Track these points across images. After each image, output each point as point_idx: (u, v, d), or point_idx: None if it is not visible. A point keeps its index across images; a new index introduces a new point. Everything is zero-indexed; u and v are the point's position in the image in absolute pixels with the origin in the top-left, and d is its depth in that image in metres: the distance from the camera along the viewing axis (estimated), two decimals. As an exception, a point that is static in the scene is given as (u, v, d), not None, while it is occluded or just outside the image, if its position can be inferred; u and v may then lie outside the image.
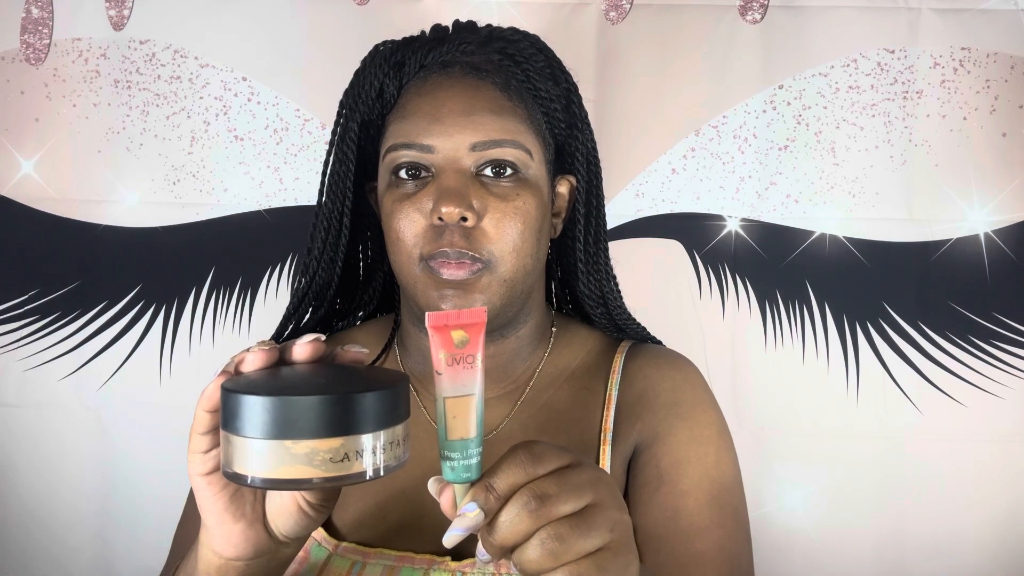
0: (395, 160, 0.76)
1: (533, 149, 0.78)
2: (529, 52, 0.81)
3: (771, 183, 1.40)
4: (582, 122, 0.84)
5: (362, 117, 0.81)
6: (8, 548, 1.44)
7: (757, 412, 1.40)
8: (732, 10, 1.39)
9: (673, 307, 1.41)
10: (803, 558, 1.41)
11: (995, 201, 1.38)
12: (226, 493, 0.58)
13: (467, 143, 0.75)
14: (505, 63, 0.79)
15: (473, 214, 0.73)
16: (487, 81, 0.77)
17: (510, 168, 0.76)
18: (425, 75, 0.79)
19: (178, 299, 1.44)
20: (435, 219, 0.73)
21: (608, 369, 0.84)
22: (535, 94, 0.80)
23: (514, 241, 0.75)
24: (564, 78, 0.83)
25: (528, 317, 0.82)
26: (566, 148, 0.84)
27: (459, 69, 0.78)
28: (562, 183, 0.84)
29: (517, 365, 0.83)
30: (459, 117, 0.75)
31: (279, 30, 1.41)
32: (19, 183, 1.42)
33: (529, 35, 0.83)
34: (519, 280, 0.76)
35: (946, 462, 1.39)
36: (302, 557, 0.76)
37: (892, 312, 1.40)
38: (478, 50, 0.79)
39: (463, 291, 0.73)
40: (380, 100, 0.80)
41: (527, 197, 0.76)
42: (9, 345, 1.44)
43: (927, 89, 1.38)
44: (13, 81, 1.42)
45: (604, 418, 0.81)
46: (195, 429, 0.56)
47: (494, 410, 0.82)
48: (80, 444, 1.43)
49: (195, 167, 1.43)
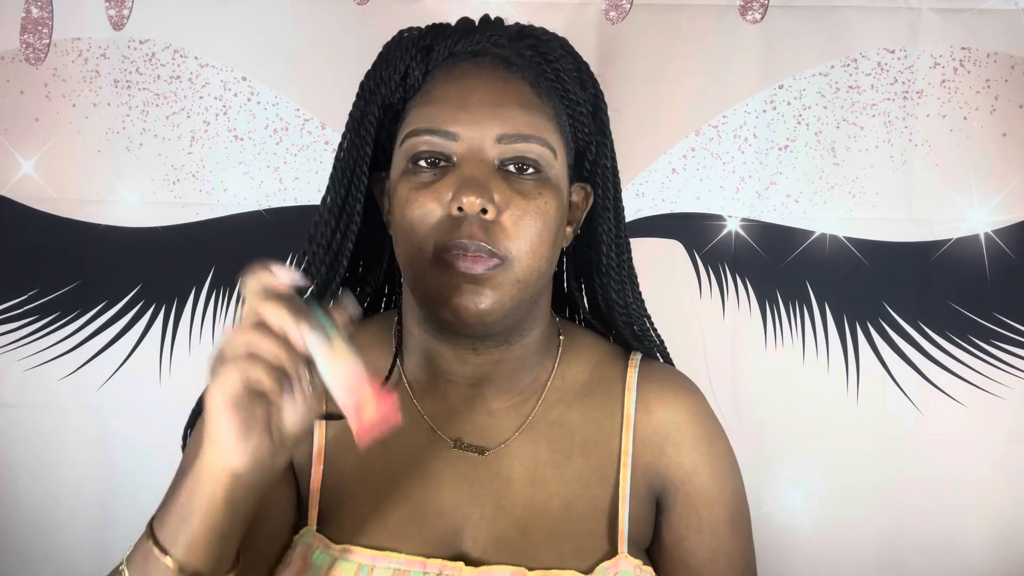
0: (415, 147, 0.74)
1: (558, 150, 0.76)
2: (559, 53, 0.79)
3: (771, 183, 1.40)
4: (607, 129, 0.83)
5: (383, 100, 0.78)
6: (8, 548, 1.44)
7: (757, 412, 1.40)
8: (732, 10, 1.39)
9: (673, 307, 1.41)
10: (803, 558, 1.41)
11: (995, 201, 1.38)
12: (242, 414, 0.59)
13: (494, 134, 0.73)
14: (536, 60, 0.77)
15: (494, 207, 0.71)
16: (517, 75, 0.76)
17: (533, 166, 0.74)
18: (454, 62, 0.77)
19: (178, 299, 1.44)
20: (454, 209, 0.71)
21: (621, 386, 0.84)
22: (563, 95, 0.78)
23: (532, 241, 0.73)
24: (592, 84, 0.82)
25: (535, 323, 0.81)
26: (586, 155, 0.82)
27: (489, 60, 0.76)
28: (577, 191, 0.83)
29: (524, 375, 0.82)
30: (487, 107, 0.73)
31: (279, 30, 1.41)
32: (19, 183, 1.42)
33: (559, 37, 0.81)
34: (532, 282, 0.74)
35: (946, 462, 1.39)
36: (300, 565, 0.75)
37: (892, 312, 1.40)
38: (509, 44, 0.77)
39: (475, 286, 0.71)
40: (404, 84, 0.77)
41: (548, 197, 0.74)
42: (9, 345, 1.44)
43: (927, 89, 1.38)
44: (13, 81, 1.42)
45: (623, 440, 0.81)
46: None
47: (502, 422, 0.81)
48: (80, 444, 1.43)
49: (195, 167, 1.43)
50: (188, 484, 0.63)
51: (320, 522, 0.78)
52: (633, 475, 0.80)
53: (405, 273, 0.78)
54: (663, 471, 0.82)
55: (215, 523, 0.62)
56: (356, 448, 0.78)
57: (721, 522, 0.83)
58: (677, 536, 0.83)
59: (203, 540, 0.62)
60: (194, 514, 0.62)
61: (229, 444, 0.60)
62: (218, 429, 0.60)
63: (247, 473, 0.61)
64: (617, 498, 0.79)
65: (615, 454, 0.81)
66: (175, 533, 0.63)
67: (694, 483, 0.82)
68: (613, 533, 0.78)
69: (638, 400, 0.82)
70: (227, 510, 0.62)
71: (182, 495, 0.63)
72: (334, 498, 0.79)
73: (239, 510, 0.63)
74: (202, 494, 0.62)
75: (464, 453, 0.79)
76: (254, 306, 0.60)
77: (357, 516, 0.77)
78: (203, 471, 0.62)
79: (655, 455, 0.82)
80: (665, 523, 0.83)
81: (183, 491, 0.63)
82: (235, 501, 0.62)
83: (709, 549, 0.82)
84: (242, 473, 0.61)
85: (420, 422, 0.81)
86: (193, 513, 0.62)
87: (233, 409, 0.59)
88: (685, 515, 0.82)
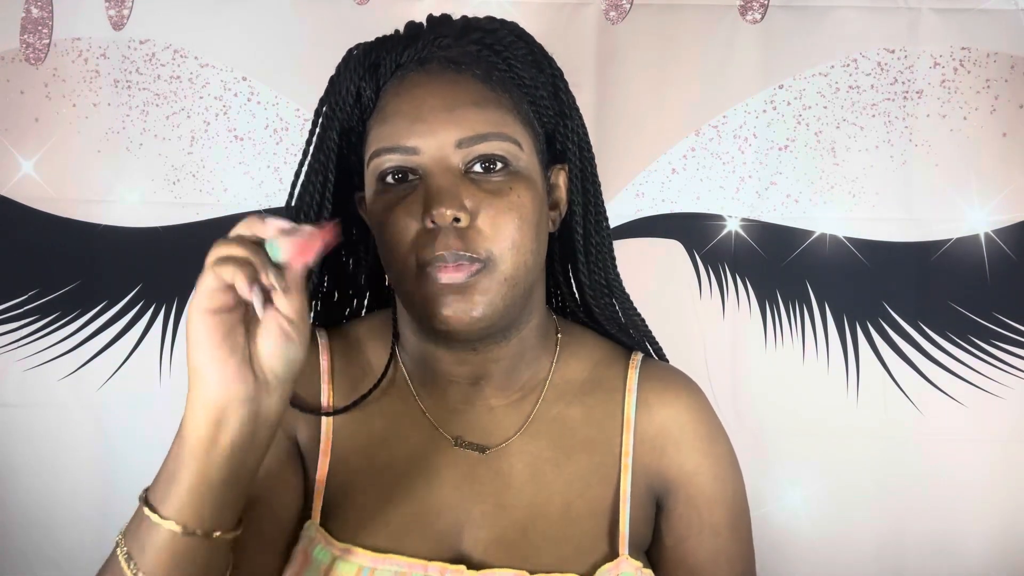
0: (380, 166, 0.74)
1: (522, 140, 0.75)
2: (508, 40, 0.77)
3: (771, 183, 1.40)
4: (570, 108, 0.81)
5: (341, 125, 0.78)
6: (8, 548, 1.44)
7: (757, 412, 1.40)
8: (732, 10, 1.39)
9: (673, 307, 1.41)
10: (803, 558, 1.41)
11: (995, 201, 1.38)
12: (221, 329, 0.60)
13: (452, 140, 0.72)
14: (484, 53, 0.76)
15: (466, 214, 0.71)
16: (466, 74, 0.75)
17: (500, 162, 0.73)
18: (403, 74, 0.76)
19: (178, 299, 1.44)
20: (427, 223, 0.71)
21: (622, 386, 0.83)
22: (519, 83, 0.77)
23: (512, 237, 0.72)
24: (548, 64, 0.80)
25: (530, 316, 0.80)
26: (556, 136, 0.81)
27: (437, 64, 0.75)
28: (557, 174, 0.82)
29: (523, 371, 0.81)
30: (441, 113, 0.72)
31: (279, 30, 1.41)
32: (19, 183, 1.42)
33: (507, 23, 0.79)
34: (520, 277, 0.74)
35: (946, 462, 1.39)
36: (301, 560, 0.75)
37: (892, 312, 1.40)
38: (455, 43, 0.76)
39: (462, 294, 0.71)
40: (358, 105, 0.77)
41: (521, 190, 0.73)
42: (9, 345, 1.44)
43: (927, 89, 1.38)
44: (13, 81, 1.42)
45: (624, 441, 0.81)
46: (214, 264, 0.60)
47: (502, 420, 0.81)
48: (80, 444, 1.43)
49: (195, 167, 1.43)
50: (175, 441, 0.63)
51: (324, 516, 0.78)
52: (634, 476, 0.80)
53: (394, 288, 0.78)
54: (664, 472, 0.82)
55: (205, 471, 0.61)
56: (362, 441, 0.79)
57: (722, 523, 0.82)
58: (678, 537, 0.82)
59: (195, 493, 0.61)
60: (182, 467, 0.61)
61: (211, 372, 0.60)
62: (200, 358, 0.60)
63: (232, 408, 0.61)
64: (618, 499, 0.79)
65: (616, 455, 0.80)
66: (165, 493, 0.62)
67: (695, 484, 0.82)
68: (613, 535, 0.78)
69: (639, 401, 0.82)
70: (215, 455, 0.61)
71: (170, 455, 0.63)
72: (339, 492, 0.78)
73: (230, 458, 0.62)
74: (190, 442, 0.61)
75: (465, 451, 0.79)
76: None
77: (360, 513, 0.77)
78: (188, 418, 0.62)
79: (656, 456, 0.81)
80: (666, 524, 0.83)
81: (171, 451, 0.63)
82: (223, 445, 0.61)
83: (709, 550, 0.82)
84: (226, 405, 0.61)
85: (422, 420, 0.81)
86: (181, 467, 0.61)
87: (213, 329, 0.60)
88: (686, 516, 0.82)
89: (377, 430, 0.80)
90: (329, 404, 0.80)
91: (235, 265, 0.60)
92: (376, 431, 0.80)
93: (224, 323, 0.60)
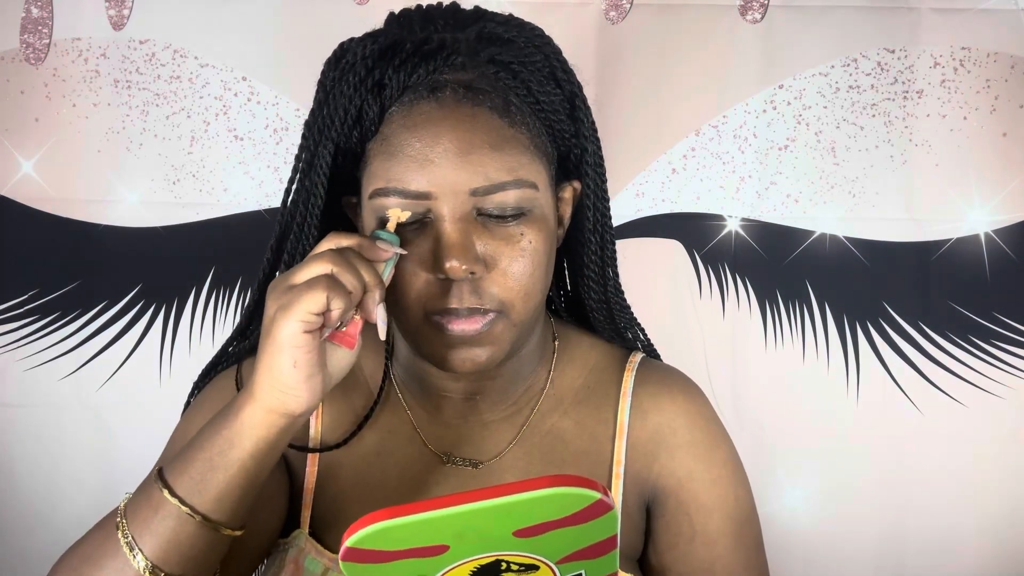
0: (384, 207, 0.68)
1: (538, 178, 0.70)
2: (526, 52, 0.72)
3: (771, 183, 1.40)
4: (587, 127, 0.77)
5: (336, 144, 0.71)
6: (8, 548, 1.44)
7: (757, 412, 1.40)
8: (732, 10, 1.39)
9: (673, 307, 1.41)
10: (803, 558, 1.41)
11: (995, 201, 1.38)
12: (315, 348, 0.62)
13: (466, 188, 0.67)
14: (502, 75, 0.70)
15: (481, 266, 0.67)
16: (484, 106, 0.68)
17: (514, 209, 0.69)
18: (411, 100, 0.69)
19: (178, 299, 1.44)
20: (439, 274, 0.67)
21: (617, 391, 0.80)
22: (537, 108, 0.72)
23: (524, 285, 0.69)
24: (567, 78, 0.74)
25: (531, 337, 0.78)
26: (570, 156, 0.78)
27: (451, 93, 0.68)
28: (566, 189, 0.78)
29: (518, 385, 0.80)
30: (455, 158, 0.66)
31: (279, 30, 1.41)
32: (19, 183, 1.42)
33: (524, 28, 0.74)
34: (530, 321, 0.72)
35: (946, 462, 1.39)
36: (292, 569, 0.74)
37: (892, 312, 1.40)
38: (469, 62, 0.69)
39: (472, 345, 0.69)
40: (359, 126, 0.70)
41: (533, 235, 0.69)
42: (9, 345, 1.44)
43: (927, 89, 1.38)
44: (13, 81, 1.42)
45: (615, 449, 0.78)
46: None
47: (495, 434, 0.79)
48: (80, 444, 1.43)
49: (195, 167, 1.43)
50: (223, 434, 0.63)
51: (312, 527, 0.77)
52: (625, 486, 0.78)
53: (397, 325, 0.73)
54: (654, 479, 0.79)
55: (255, 470, 0.63)
56: (350, 455, 0.78)
57: (720, 532, 0.78)
58: (665, 544, 0.79)
59: (238, 490, 0.63)
60: (232, 463, 0.62)
61: (306, 391, 0.61)
62: (296, 376, 0.61)
63: (304, 414, 0.62)
64: None
65: (607, 464, 0.78)
66: (200, 482, 0.62)
67: (688, 490, 0.78)
68: None
69: (633, 406, 0.80)
70: (269, 457, 0.63)
71: (213, 446, 0.63)
72: (329, 506, 0.78)
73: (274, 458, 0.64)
74: (246, 441, 0.62)
75: (458, 467, 0.78)
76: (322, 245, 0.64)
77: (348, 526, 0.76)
78: (252, 417, 0.62)
79: (647, 463, 0.79)
80: (653, 531, 0.80)
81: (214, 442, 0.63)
82: (279, 447, 0.63)
83: (703, 559, 0.78)
84: (301, 414, 0.62)
85: (414, 436, 0.79)
86: (231, 463, 0.62)
87: (311, 348, 0.61)
88: (675, 523, 0.78)
89: (369, 444, 0.78)
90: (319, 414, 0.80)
91: (341, 296, 0.61)
92: (368, 444, 0.78)
93: (315, 341, 0.62)
